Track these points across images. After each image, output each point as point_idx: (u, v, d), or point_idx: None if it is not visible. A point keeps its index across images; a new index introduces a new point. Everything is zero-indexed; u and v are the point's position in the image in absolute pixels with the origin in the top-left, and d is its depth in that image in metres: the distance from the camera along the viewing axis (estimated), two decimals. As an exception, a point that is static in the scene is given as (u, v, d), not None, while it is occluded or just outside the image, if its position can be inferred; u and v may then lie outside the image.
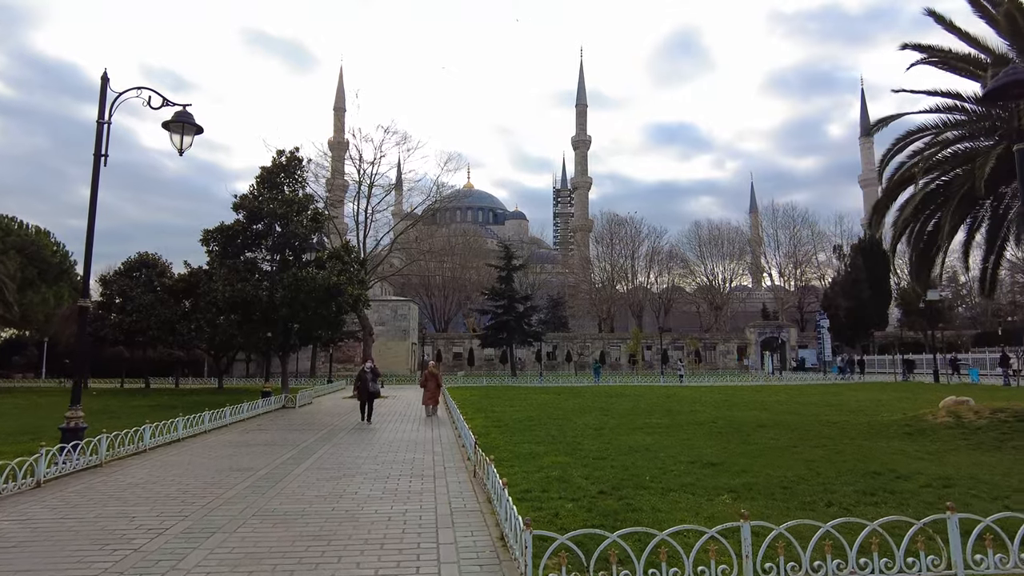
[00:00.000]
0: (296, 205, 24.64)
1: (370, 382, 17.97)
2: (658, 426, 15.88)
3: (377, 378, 18.61)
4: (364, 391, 17.95)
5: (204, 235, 24.77)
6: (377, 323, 62.32)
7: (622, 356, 70.70)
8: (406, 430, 16.35)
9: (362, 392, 18.06)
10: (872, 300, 68.29)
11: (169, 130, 10.43)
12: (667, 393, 30.20)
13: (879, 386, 35.56)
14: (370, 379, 18.02)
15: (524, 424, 16.69)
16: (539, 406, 22.87)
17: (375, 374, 18.49)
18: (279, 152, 26.18)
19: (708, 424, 16.23)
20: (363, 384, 18.05)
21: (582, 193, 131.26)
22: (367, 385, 17.92)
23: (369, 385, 17.91)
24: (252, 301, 23.57)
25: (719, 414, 18.79)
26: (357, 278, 25.18)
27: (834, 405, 21.90)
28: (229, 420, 17.46)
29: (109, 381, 42.70)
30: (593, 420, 17.52)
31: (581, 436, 14.06)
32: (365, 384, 17.97)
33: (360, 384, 18.27)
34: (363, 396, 17.99)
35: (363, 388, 18.02)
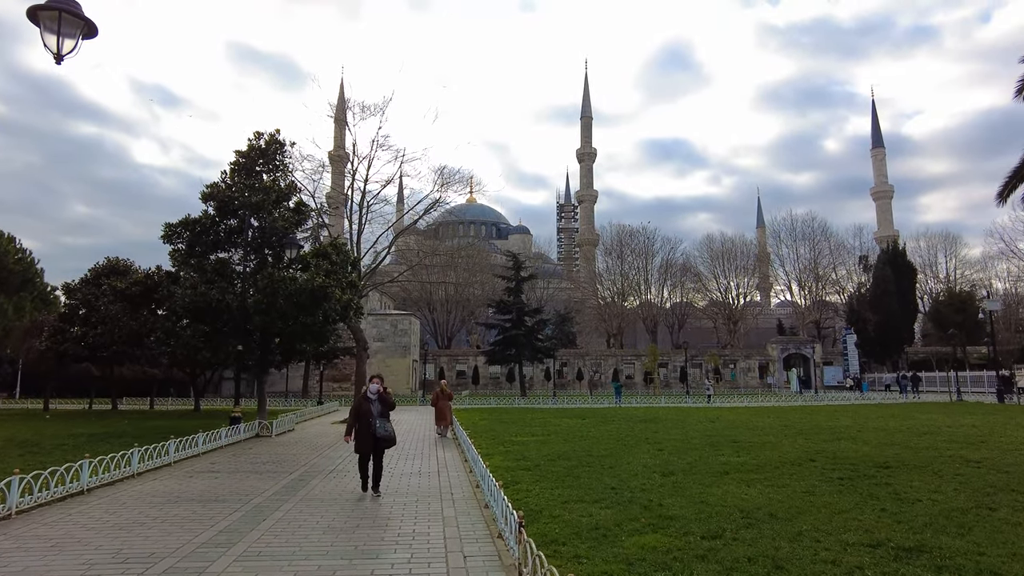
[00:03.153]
0: (274, 193, 20.71)
1: (376, 419, 9.83)
2: (743, 467, 11.77)
3: (388, 410, 10.15)
4: (365, 436, 9.80)
5: (166, 230, 20.83)
6: (376, 338, 58.24)
7: (636, 374, 66.43)
8: (404, 472, 12.26)
9: (362, 437, 9.81)
10: (900, 313, 64.21)
11: (39, 24, 6.50)
12: (708, 417, 26.07)
13: (940, 406, 31.38)
14: (376, 413, 9.87)
15: (560, 465, 12.58)
16: (566, 435, 18.77)
17: (385, 404, 10.09)
18: (256, 134, 22.33)
19: (807, 463, 12.13)
20: (363, 423, 9.86)
21: (587, 206, 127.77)
22: (371, 425, 9.78)
23: (376, 425, 9.77)
24: (220, 308, 19.56)
25: (806, 447, 14.68)
26: (347, 281, 21.19)
27: (932, 432, 17.75)
28: (173, 457, 13.37)
29: (77, 402, 38.56)
30: (648, 458, 13.42)
31: (649, 487, 9.97)
32: (367, 422, 9.82)
33: (359, 423, 9.90)
34: (364, 445, 9.82)
35: (363, 431, 9.83)
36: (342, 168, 66.30)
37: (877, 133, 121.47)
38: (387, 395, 10.23)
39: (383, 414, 9.96)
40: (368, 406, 9.93)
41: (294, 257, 20.05)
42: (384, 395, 10.14)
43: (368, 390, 10.09)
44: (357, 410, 10.02)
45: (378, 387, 10.12)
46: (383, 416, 9.93)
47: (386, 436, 9.85)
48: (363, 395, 10.10)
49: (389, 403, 10.17)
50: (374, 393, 10.06)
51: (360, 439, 9.86)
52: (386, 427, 9.85)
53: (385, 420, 9.91)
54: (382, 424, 9.81)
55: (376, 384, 10.18)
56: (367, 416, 9.86)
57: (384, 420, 9.89)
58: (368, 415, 9.86)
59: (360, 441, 9.86)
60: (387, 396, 10.21)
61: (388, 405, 10.13)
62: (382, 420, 9.86)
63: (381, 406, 10.02)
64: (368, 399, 10.01)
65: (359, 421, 9.91)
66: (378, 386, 10.14)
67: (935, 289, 79.51)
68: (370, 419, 9.82)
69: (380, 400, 10.05)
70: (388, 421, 9.98)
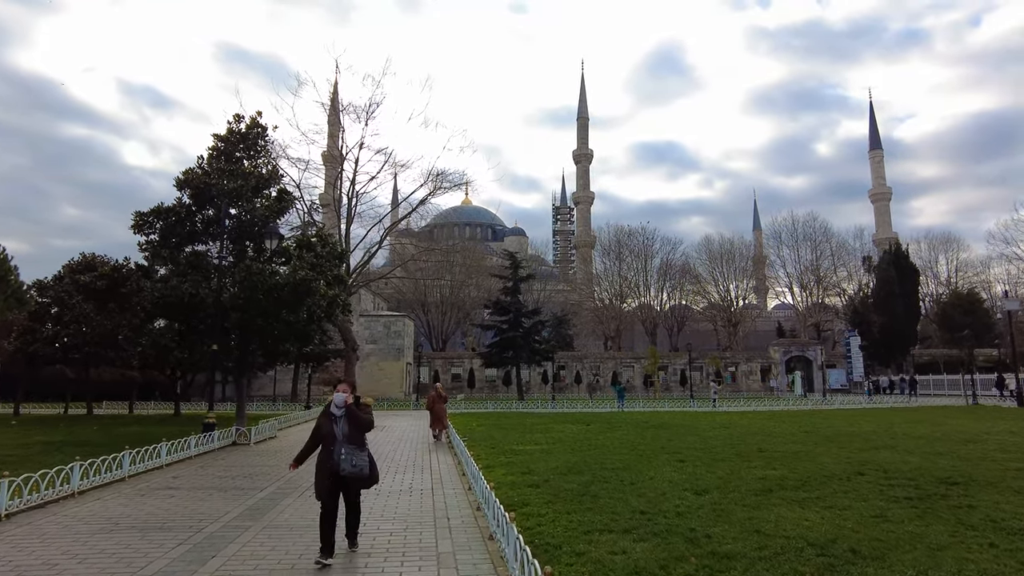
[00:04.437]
0: (253, 179, 19.02)
1: (341, 446, 6.41)
2: (785, 483, 10.15)
3: (360, 433, 6.62)
4: (324, 472, 6.48)
5: (136, 219, 19.07)
6: (369, 340, 56.47)
7: (635, 377, 64.81)
8: (393, 489, 10.59)
9: (320, 473, 6.53)
10: (904, 315, 62.85)
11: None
12: (719, 422, 24.49)
13: (959, 410, 29.85)
14: (340, 437, 6.46)
15: (573, 481, 10.93)
16: (572, 444, 17.14)
17: (355, 424, 6.57)
18: (236, 117, 20.65)
19: (856, 478, 10.53)
20: (323, 451, 6.59)
21: (584, 208, 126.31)
22: (333, 454, 6.42)
23: (339, 457, 6.36)
24: (194, 303, 17.85)
25: (845, 457, 13.07)
26: (334, 275, 19.51)
27: (975, 440, 16.18)
28: (128, 471, 11.66)
29: (52, 406, 36.61)
30: (672, 471, 11.78)
31: (685, 510, 8.34)
32: (328, 450, 6.51)
33: (320, 452, 6.62)
34: (323, 483, 6.48)
35: (323, 464, 6.52)
36: (335, 169, 64.67)
37: (875, 135, 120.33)
38: (360, 410, 6.62)
39: (352, 438, 6.41)
40: (330, 426, 6.49)
41: (275, 248, 18.34)
42: (354, 410, 6.53)
43: (333, 403, 6.61)
44: (319, 434, 6.62)
45: (345, 397, 6.57)
46: (352, 442, 6.38)
47: (356, 474, 6.30)
48: (327, 408, 6.71)
49: (361, 422, 6.54)
50: (339, 406, 6.54)
51: (318, 476, 6.46)
52: (355, 459, 6.31)
53: (355, 448, 6.37)
54: (349, 454, 6.28)
55: (343, 393, 6.61)
56: (328, 441, 6.44)
57: (353, 449, 6.35)
58: (329, 440, 6.43)
59: (318, 479, 6.45)
60: (359, 412, 6.59)
61: (360, 425, 6.52)
62: (350, 449, 6.31)
63: (349, 427, 6.43)
64: (331, 415, 6.57)
65: (321, 447, 6.55)
66: (345, 396, 6.58)
67: (936, 291, 78.39)
68: (331, 446, 6.39)
69: (348, 417, 6.47)
70: (361, 449, 6.44)
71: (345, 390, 6.72)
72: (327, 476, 6.43)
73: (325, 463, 6.46)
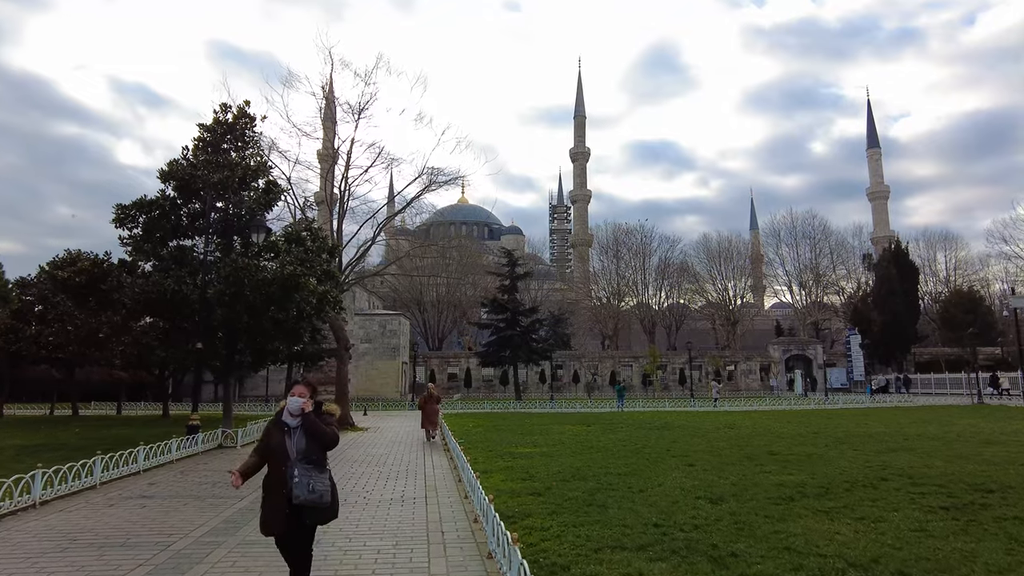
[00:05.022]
0: (240, 170, 18.22)
1: (295, 466, 4.69)
2: (805, 490, 9.42)
3: (320, 448, 4.86)
4: (275, 499, 4.74)
5: (118, 213, 18.23)
6: (364, 339, 55.64)
7: (634, 376, 64.07)
8: (384, 498, 9.83)
9: (269, 500, 4.80)
10: (905, 314, 62.31)
11: None
12: (724, 423, 23.80)
13: (966, 410, 29.20)
14: (295, 454, 4.76)
15: (577, 488, 10.18)
16: (573, 446, 16.41)
17: (313, 436, 4.81)
18: (223, 107, 19.83)
19: (880, 484, 9.81)
20: (273, 473, 4.83)
21: (581, 206, 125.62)
22: (282, 475, 4.71)
23: (292, 480, 4.65)
24: (178, 300, 17.06)
25: (863, 461, 12.34)
26: (324, 270, 18.72)
27: (994, 442, 15.50)
28: (100, 478, 10.87)
29: (38, 407, 35.74)
30: (681, 476, 11.05)
31: (703, 522, 7.59)
32: (279, 471, 4.76)
33: (268, 473, 4.90)
34: (271, 516, 4.76)
35: (272, 488, 4.80)
36: (328, 165, 63.74)
37: (873, 133, 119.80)
38: (320, 418, 4.90)
39: (309, 457, 4.74)
40: (281, 439, 4.82)
41: (263, 242, 17.54)
42: (313, 419, 4.82)
43: (286, 409, 4.89)
44: (264, 445, 5.00)
45: (302, 403, 4.81)
46: (308, 461, 4.72)
47: (314, 502, 4.65)
48: (275, 418, 5.02)
49: (322, 435, 4.81)
50: (294, 412, 4.84)
51: (265, 506, 4.82)
52: (312, 482, 4.64)
53: (312, 469, 4.69)
54: (305, 476, 4.63)
55: (299, 397, 4.83)
56: (279, 458, 4.76)
57: (310, 469, 4.68)
58: (281, 457, 4.76)
59: (266, 509, 4.81)
60: (317, 421, 4.84)
61: (320, 439, 4.81)
62: (305, 469, 4.66)
63: (307, 441, 4.78)
64: (283, 425, 4.88)
65: (268, 469, 4.88)
66: (302, 400, 4.82)
67: (935, 290, 77.89)
68: (283, 466, 4.72)
69: (305, 428, 4.80)
70: (321, 470, 4.76)
71: (302, 393, 4.88)
72: (278, 505, 4.67)
73: (274, 488, 4.73)
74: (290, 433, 4.89)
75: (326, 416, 5.05)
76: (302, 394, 4.91)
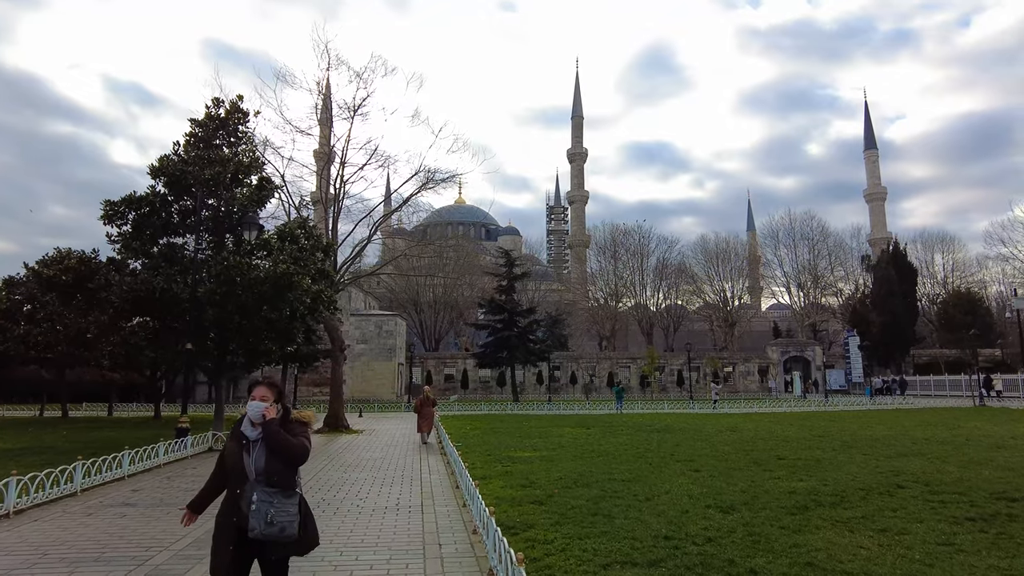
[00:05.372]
0: (232, 166, 17.75)
1: (256, 488, 3.75)
2: (819, 498, 9.00)
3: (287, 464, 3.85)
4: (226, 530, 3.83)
5: (106, 209, 17.75)
6: (359, 340, 55.10)
7: (632, 377, 63.66)
8: (378, 506, 9.38)
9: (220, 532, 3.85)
10: (904, 315, 62.08)
11: None
12: (725, 426, 23.40)
13: (968, 412, 28.85)
14: (254, 472, 3.81)
15: (580, 495, 9.75)
16: (574, 449, 15.98)
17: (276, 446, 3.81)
18: (215, 101, 19.36)
19: (897, 491, 9.40)
20: (228, 498, 3.92)
21: (579, 207, 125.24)
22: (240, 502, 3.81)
23: (250, 504, 3.72)
24: (167, 299, 16.59)
25: (874, 466, 11.93)
26: (319, 269, 18.24)
27: (1004, 446, 15.12)
28: (81, 484, 10.39)
29: (28, 408, 35.14)
30: (688, 483, 10.63)
31: (715, 533, 7.17)
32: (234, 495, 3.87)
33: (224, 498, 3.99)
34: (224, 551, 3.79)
35: (225, 518, 3.86)
36: (325, 164, 63.14)
37: (870, 134, 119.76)
38: (287, 428, 3.94)
39: (273, 476, 3.81)
40: (239, 454, 3.90)
41: (255, 240, 17.06)
42: (277, 430, 3.86)
43: (246, 414, 3.94)
44: (220, 464, 4.15)
45: (264, 408, 3.89)
46: (272, 483, 3.79)
47: (274, 536, 3.72)
48: (234, 429, 4.04)
49: (289, 449, 3.84)
50: (255, 421, 3.90)
51: (216, 539, 3.88)
52: (272, 510, 3.71)
53: (277, 494, 3.77)
54: (265, 503, 3.72)
55: (261, 402, 3.91)
56: (235, 480, 3.90)
57: (273, 494, 3.76)
58: (236, 478, 3.89)
59: (216, 543, 3.87)
60: (282, 431, 3.88)
61: (287, 453, 3.84)
62: (267, 494, 3.75)
63: (268, 456, 3.83)
64: (241, 438, 3.94)
65: (227, 487, 3.98)
66: (265, 406, 3.89)
67: (931, 292, 77.71)
68: (239, 488, 3.85)
69: (268, 440, 3.84)
70: (287, 495, 3.82)
71: (264, 396, 3.90)
72: (229, 537, 3.75)
73: (227, 516, 3.80)
74: (249, 447, 3.87)
75: (295, 425, 3.98)
76: (264, 397, 3.91)
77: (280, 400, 4.04)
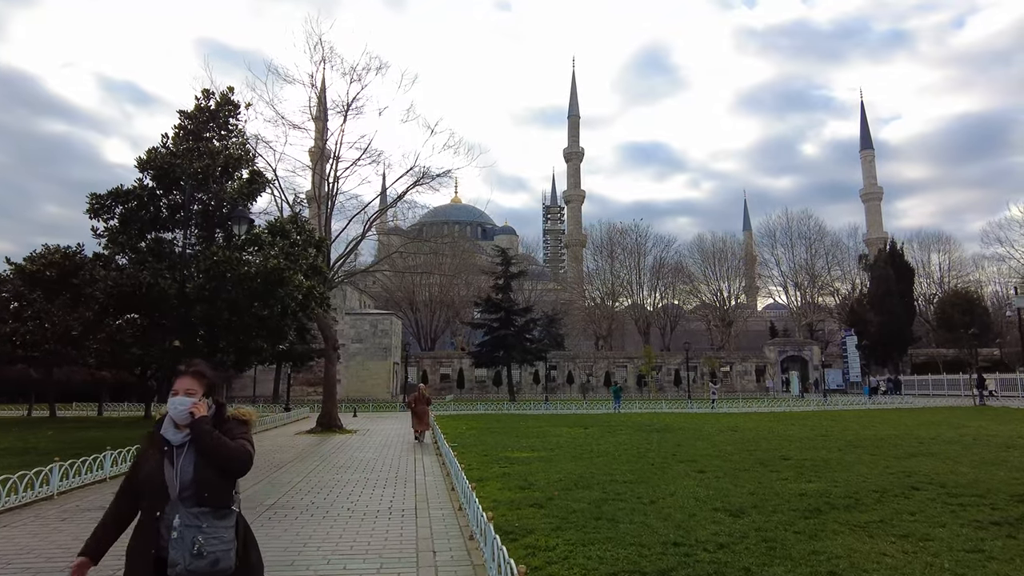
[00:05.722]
0: (222, 158, 17.28)
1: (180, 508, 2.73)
2: (831, 500, 8.59)
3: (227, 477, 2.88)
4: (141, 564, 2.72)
5: (92, 203, 17.28)
6: (354, 339, 54.62)
7: (629, 377, 63.33)
8: (370, 509, 8.93)
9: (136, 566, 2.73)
10: (902, 315, 61.88)
11: None
12: (726, 425, 23.01)
13: (969, 411, 28.55)
14: (178, 489, 2.77)
15: (581, 498, 9.33)
16: (573, 450, 15.56)
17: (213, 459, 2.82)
18: (205, 93, 18.88)
19: (912, 493, 9.00)
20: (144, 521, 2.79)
21: (575, 207, 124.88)
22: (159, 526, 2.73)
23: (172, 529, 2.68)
24: (155, 295, 16.10)
25: (884, 467, 11.54)
26: (310, 264, 17.78)
27: (1015, 446, 14.75)
28: (57, 487, 9.91)
29: (16, 407, 34.58)
30: (693, 485, 10.21)
31: (727, 539, 6.75)
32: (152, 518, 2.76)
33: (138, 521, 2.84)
34: None
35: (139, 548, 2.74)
36: (324, 167, 62.49)
37: (866, 134, 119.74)
38: (223, 429, 2.94)
39: (200, 495, 2.79)
40: (159, 464, 2.85)
41: (245, 234, 16.59)
42: (204, 429, 2.83)
43: (167, 413, 2.94)
44: (132, 475, 2.97)
45: (191, 404, 2.88)
46: (203, 500, 2.78)
47: (199, 571, 2.66)
48: (151, 432, 3.01)
49: (224, 456, 2.84)
50: (180, 421, 2.88)
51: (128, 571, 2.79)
52: (201, 538, 2.68)
53: (204, 516, 2.74)
54: (189, 529, 2.69)
55: (187, 396, 2.90)
56: (152, 499, 2.80)
57: (200, 516, 2.74)
58: (154, 496, 2.80)
59: None
60: (216, 432, 2.87)
61: (222, 461, 2.84)
62: (192, 517, 2.72)
63: (199, 466, 2.82)
64: (163, 443, 2.90)
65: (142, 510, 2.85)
66: (192, 402, 2.88)
67: (928, 291, 77.58)
68: (158, 509, 2.77)
69: (198, 444, 2.83)
70: (219, 515, 2.79)
71: (191, 389, 2.93)
72: (145, 571, 2.77)
73: (142, 548, 2.78)
74: (172, 455, 2.85)
75: (233, 425, 3.01)
76: (190, 390, 2.91)
77: (212, 394, 3.05)
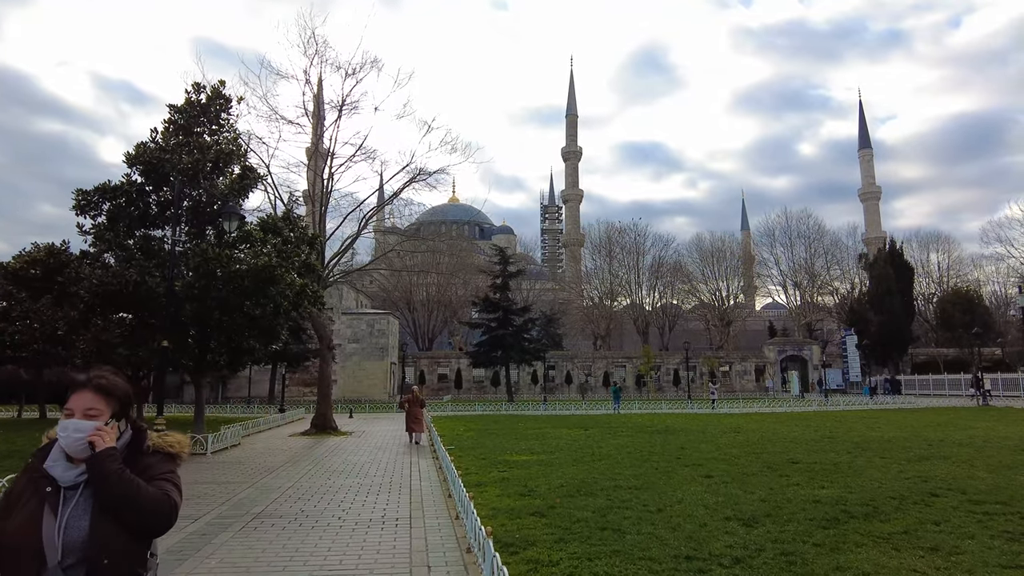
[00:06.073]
0: (212, 153, 16.80)
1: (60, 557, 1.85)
2: (848, 508, 8.17)
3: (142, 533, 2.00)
4: None
5: (78, 199, 16.75)
6: (351, 339, 54.11)
7: (627, 377, 62.89)
8: (362, 518, 8.48)
9: None
10: (902, 314, 61.53)
11: None
12: (729, 426, 22.60)
13: (974, 412, 28.20)
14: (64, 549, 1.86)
15: (584, 505, 8.89)
16: (574, 453, 15.12)
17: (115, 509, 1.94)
18: (196, 86, 18.39)
19: (932, 500, 8.60)
20: None
21: (573, 206, 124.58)
22: None
23: None
24: (142, 294, 15.62)
25: (897, 471, 11.12)
26: (303, 262, 17.30)
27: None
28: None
29: (7, 408, 34.04)
30: (701, 490, 9.78)
31: (743, 552, 6.32)
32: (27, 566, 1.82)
33: None
34: None
35: None
36: (320, 165, 61.92)
37: (864, 134, 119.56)
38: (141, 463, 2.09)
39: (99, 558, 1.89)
40: (33, 511, 1.92)
41: (235, 230, 16.10)
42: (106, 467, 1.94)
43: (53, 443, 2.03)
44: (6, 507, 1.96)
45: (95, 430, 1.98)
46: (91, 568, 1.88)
47: None
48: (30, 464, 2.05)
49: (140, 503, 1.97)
50: (75, 454, 1.96)
51: None
52: None
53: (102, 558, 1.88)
54: None
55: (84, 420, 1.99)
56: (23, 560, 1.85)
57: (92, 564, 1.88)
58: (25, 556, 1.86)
59: None
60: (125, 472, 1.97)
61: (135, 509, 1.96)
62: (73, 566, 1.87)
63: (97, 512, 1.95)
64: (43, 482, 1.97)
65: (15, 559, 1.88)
66: (93, 425, 1.99)
67: (927, 291, 77.25)
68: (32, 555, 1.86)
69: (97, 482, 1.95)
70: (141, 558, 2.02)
71: (92, 409, 2.04)
72: None
73: None
74: (56, 501, 1.97)
75: (152, 461, 2.18)
76: (92, 411, 2.03)
77: (124, 415, 2.14)
